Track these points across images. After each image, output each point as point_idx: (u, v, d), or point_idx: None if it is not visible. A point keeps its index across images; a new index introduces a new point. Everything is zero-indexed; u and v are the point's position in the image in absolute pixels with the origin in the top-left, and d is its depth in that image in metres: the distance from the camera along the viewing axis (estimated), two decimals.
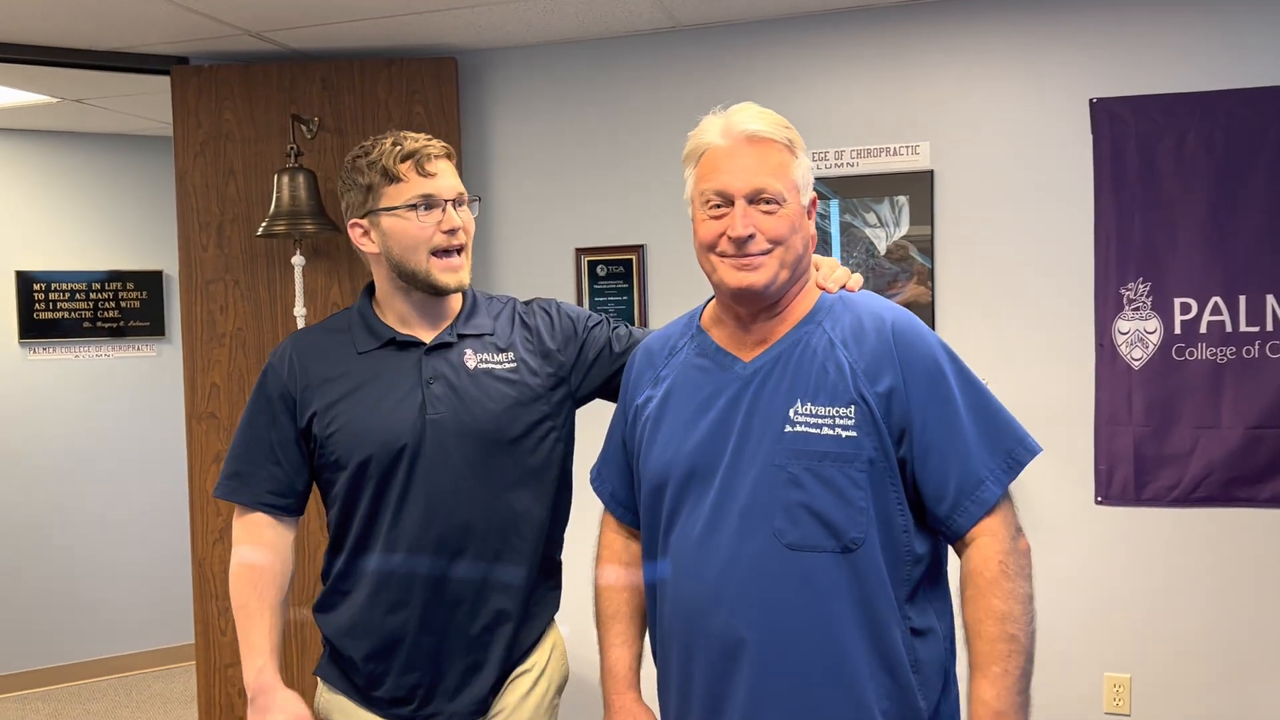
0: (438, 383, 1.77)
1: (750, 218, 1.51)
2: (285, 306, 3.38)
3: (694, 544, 1.52)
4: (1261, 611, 2.93)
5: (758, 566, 1.48)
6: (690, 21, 3.27)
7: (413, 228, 1.72)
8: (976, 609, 1.48)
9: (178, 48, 3.38)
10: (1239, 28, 2.89)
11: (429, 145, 1.74)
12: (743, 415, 1.54)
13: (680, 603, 1.55)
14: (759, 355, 1.58)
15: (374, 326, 1.83)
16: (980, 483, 1.50)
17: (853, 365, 1.52)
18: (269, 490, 1.79)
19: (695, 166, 1.59)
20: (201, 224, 3.40)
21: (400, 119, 3.38)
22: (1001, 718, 1.45)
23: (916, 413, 1.50)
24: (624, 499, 1.74)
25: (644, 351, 1.75)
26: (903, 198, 3.15)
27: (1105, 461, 3.02)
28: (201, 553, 3.40)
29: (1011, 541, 1.50)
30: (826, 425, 1.48)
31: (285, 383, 1.79)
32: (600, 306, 3.43)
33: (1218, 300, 2.92)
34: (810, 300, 1.61)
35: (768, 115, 1.56)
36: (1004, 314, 3.07)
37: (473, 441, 1.75)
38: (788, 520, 1.48)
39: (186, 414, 3.41)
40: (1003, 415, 1.55)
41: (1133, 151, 2.97)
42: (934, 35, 3.14)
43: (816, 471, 1.47)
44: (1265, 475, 2.90)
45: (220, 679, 3.41)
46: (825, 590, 1.47)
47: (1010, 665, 1.45)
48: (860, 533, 1.47)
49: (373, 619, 1.77)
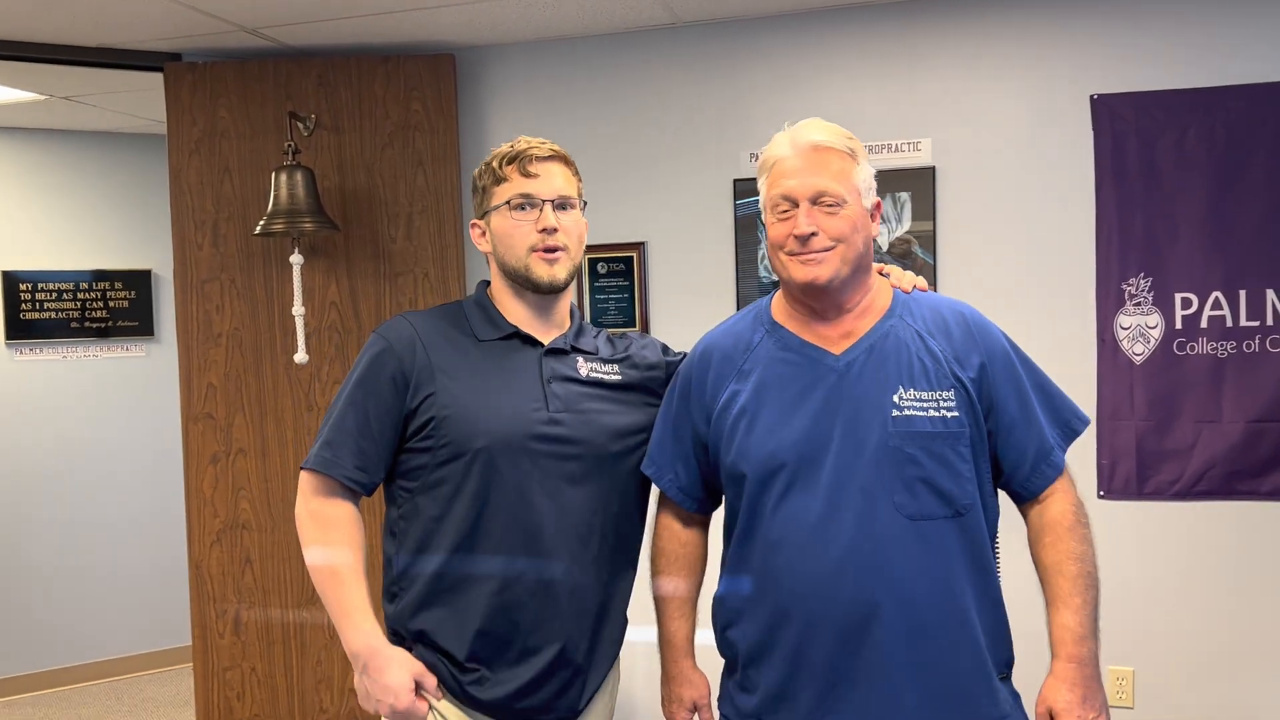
0: (556, 383, 1.80)
1: (813, 217, 1.67)
2: (283, 306, 3.34)
3: (814, 523, 1.67)
4: (1264, 604, 2.95)
5: (884, 537, 1.65)
6: (692, 18, 3.26)
7: (509, 225, 1.79)
8: (1058, 552, 1.71)
9: (171, 44, 3.34)
10: (1238, 24, 2.91)
11: (536, 147, 1.80)
12: (844, 402, 1.70)
13: (802, 578, 1.68)
14: (850, 348, 1.74)
15: (495, 318, 1.84)
16: (1052, 449, 1.75)
17: (944, 353, 1.72)
18: (357, 466, 1.75)
19: (766, 176, 1.75)
20: (197, 222, 3.36)
21: (398, 116, 3.35)
22: (1084, 641, 1.68)
23: (998, 392, 1.72)
24: (687, 487, 1.86)
25: (715, 349, 1.83)
26: (905, 194, 3.15)
27: (1108, 456, 3.03)
28: (199, 555, 3.37)
29: (1079, 496, 1.77)
30: (932, 408, 1.68)
31: (402, 360, 1.76)
32: (601, 304, 3.41)
33: (1218, 295, 2.94)
34: (886, 297, 1.79)
35: (831, 127, 1.73)
36: (1006, 309, 3.01)
37: (586, 445, 1.78)
38: (908, 494, 1.66)
39: (182, 415, 3.38)
40: (1059, 392, 1.81)
41: (1134, 147, 2.98)
42: (936, 31, 3.14)
43: (930, 449, 1.67)
44: (1266, 468, 2.92)
45: (219, 682, 3.38)
46: (944, 552, 1.67)
47: (1089, 597, 1.70)
48: (969, 499, 1.69)
49: (486, 614, 1.73)
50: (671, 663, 1.89)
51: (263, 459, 3.37)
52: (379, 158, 3.37)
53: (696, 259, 3.35)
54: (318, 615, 3.38)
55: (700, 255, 3.34)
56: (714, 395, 1.79)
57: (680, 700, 1.87)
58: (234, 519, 3.37)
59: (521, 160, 1.78)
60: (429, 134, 3.36)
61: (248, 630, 3.38)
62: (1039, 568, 1.75)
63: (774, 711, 1.73)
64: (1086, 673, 1.68)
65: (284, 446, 3.37)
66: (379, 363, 1.77)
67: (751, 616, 1.75)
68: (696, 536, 1.90)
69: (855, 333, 1.74)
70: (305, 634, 3.39)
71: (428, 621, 1.75)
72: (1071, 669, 1.68)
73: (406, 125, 3.37)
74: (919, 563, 1.65)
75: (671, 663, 1.89)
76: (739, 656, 1.78)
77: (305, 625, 3.39)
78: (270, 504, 3.37)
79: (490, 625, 1.73)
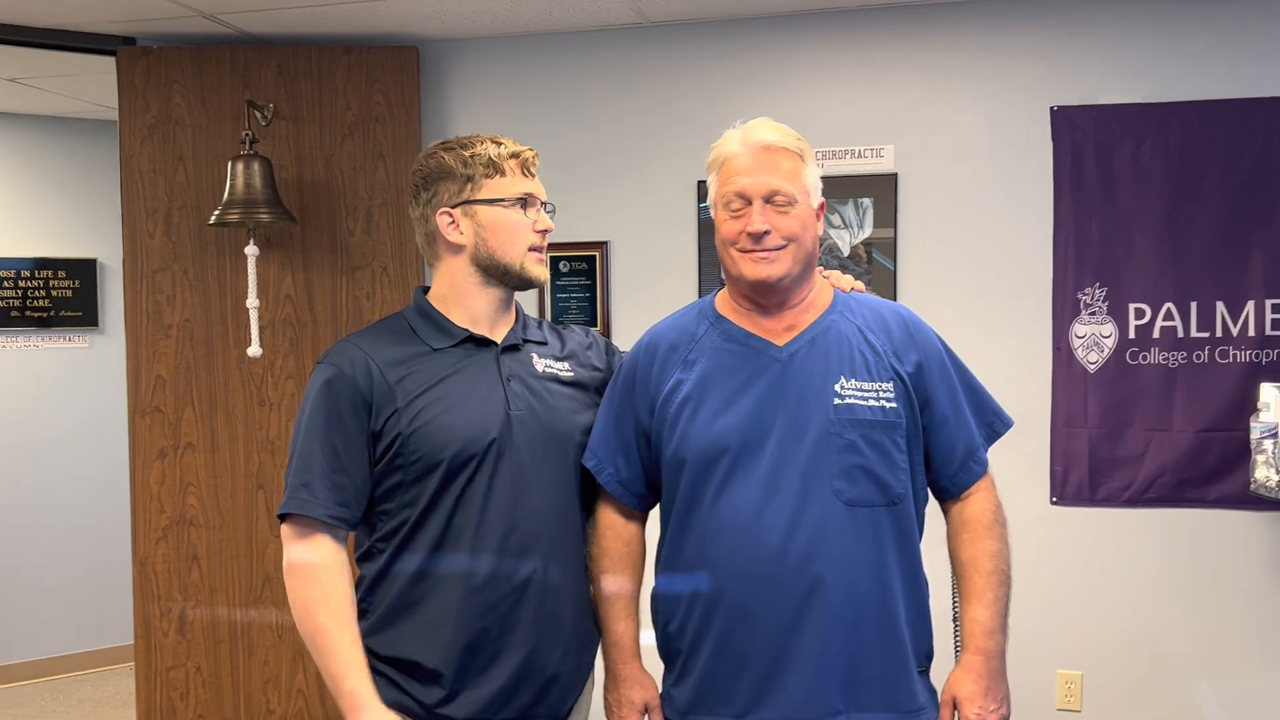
0: (515, 381, 1.78)
1: (767, 216, 1.71)
2: (236, 298, 3.27)
3: (753, 507, 1.69)
4: (1209, 610, 3.01)
5: (822, 522, 1.68)
6: (659, 18, 3.25)
7: (512, 220, 1.79)
8: (975, 549, 1.79)
9: (125, 27, 3.26)
10: (1194, 42, 2.97)
11: (530, 151, 1.84)
12: (787, 391, 1.73)
13: (739, 564, 1.70)
14: (793, 339, 1.77)
15: (444, 325, 1.80)
16: (978, 447, 1.83)
17: (883, 348, 1.77)
18: (336, 502, 1.69)
19: (717, 173, 1.79)
20: (148, 211, 3.28)
21: (359, 108, 3.30)
22: (993, 635, 1.76)
23: (933, 389, 1.78)
24: (628, 481, 1.85)
25: (661, 341, 1.85)
26: (867, 200, 3.17)
27: (1061, 463, 3.08)
28: (144, 552, 3.28)
29: (998, 497, 1.84)
30: (871, 398, 1.72)
31: (358, 384, 1.70)
32: (563, 303, 3.39)
33: (1170, 306, 3.00)
34: (828, 295, 1.84)
35: (781, 127, 1.77)
36: (964, 316, 3.11)
37: (547, 442, 1.78)
38: (846, 481, 1.70)
39: (129, 408, 3.29)
40: (986, 393, 1.88)
41: (1091, 160, 3.03)
42: (900, 40, 3.17)
43: (869, 438, 1.71)
44: (1213, 477, 2.98)
45: (161, 682, 3.30)
46: (878, 540, 1.71)
47: (1001, 593, 1.77)
48: (903, 489, 1.74)
49: (456, 624, 1.69)
50: (620, 664, 1.86)
51: (212, 454, 3.29)
52: (339, 149, 3.31)
53: (659, 259, 3.34)
54: (266, 614, 3.32)
55: (663, 256, 3.33)
56: (658, 385, 1.80)
57: (631, 703, 1.84)
58: (181, 515, 3.29)
59: (524, 160, 1.81)
60: (390, 127, 3.32)
61: (193, 629, 3.30)
62: (955, 563, 1.82)
63: (707, 703, 1.74)
64: (992, 665, 1.75)
65: (235, 441, 3.29)
66: (334, 391, 1.70)
67: (688, 607, 1.75)
68: (637, 534, 1.89)
69: (798, 326, 1.78)
70: (253, 633, 3.32)
71: (402, 636, 1.71)
72: (978, 661, 1.75)
73: (367, 117, 3.31)
74: (855, 547, 1.69)
75: (620, 664, 1.86)
76: (681, 651, 1.78)
77: (253, 624, 3.32)
78: (219, 500, 3.30)
79: (467, 632, 1.69)
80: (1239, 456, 2.94)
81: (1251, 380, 2.92)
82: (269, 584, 3.32)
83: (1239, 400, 2.94)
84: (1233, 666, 3.00)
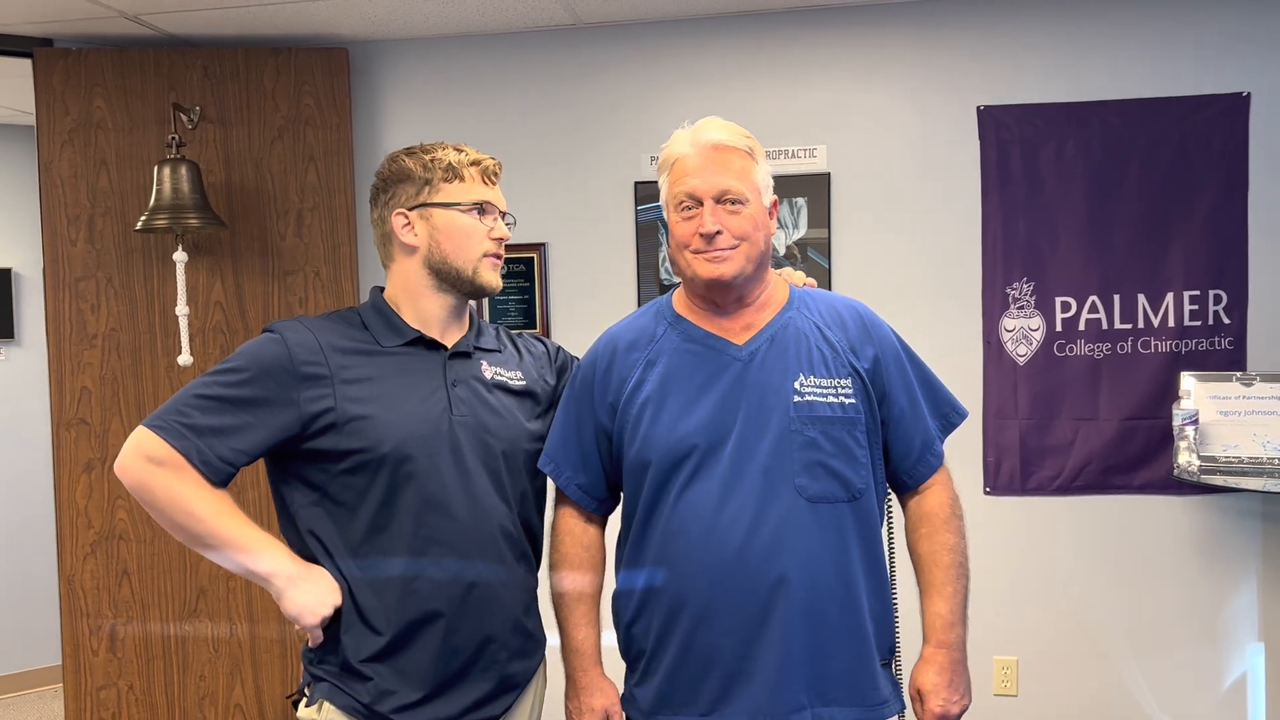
0: (461, 386, 1.77)
1: (718, 216, 1.71)
2: (164, 305, 3.19)
3: (714, 505, 1.69)
4: (1137, 593, 3.11)
5: (785, 519, 1.69)
6: (592, 19, 3.25)
7: (469, 226, 1.79)
8: (934, 543, 1.81)
9: (41, 28, 3.16)
10: (1114, 43, 3.07)
11: (493, 160, 1.85)
12: (747, 390, 1.73)
13: (702, 563, 1.69)
14: (751, 338, 1.78)
15: (396, 324, 1.78)
16: (934, 440, 1.84)
17: (840, 344, 1.78)
18: (219, 457, 1.62)
19: (668, 174, 1.78)
20: (70, 217, 3.18)
21: (288, 110, 3.25)
22: (954, 627, 1.78)
23: (890, 383, 1.80)
24: (587, 485, 1.85)
25: (619, 342, 1.84)
26: (801, 199, 3.21)
27: (993, 453, 3.16)
28: (70, 568, 3.18)
29: (955, 490, 1.86)
30: (831, 394, 1.73)
31: (295, 359, 1.67)
32: (501, 305, 3.37)
33: (1095, 299, 3.09)
34: (783, 292, 1.85)
35: (731, 126, 1.76)
36: (898, 312, 3.09)
37: (489, 449, 1.75)
38: (808, 477, 1.71)
39: (53, 420, 3.19)
40: (941, 385, 1.90)
41: (1017, 158, 3.11)
42: (829, 41, 3.21)
43: (829, 434, 1.72)
44: (1138, 464, 3.09)
45: (92, 702, 3.20)
46: (841, 535, 1.72)
47: (960, 586, 1.80)
48: (864, 484, 1.75)
49: (392, 629, 1.67)
50: (581, 671, 1.84)
51: None
52: (268, 152, 3.25)
53: (598, 261, 3.34)
54: (201, 628, 3.24)
55: (601, 258, 3.34)
56: (619, 387, 1.80)
57: (592, 710, 1.82)
58: (110, 529, 3.20)
59: (485, 169, 1.82)
60: (321, 129, 3.26)
61: (124, 646, 3.21)
62: (914, 556, 1.84)
63: (672, 703, 1.74)
64: (954, 657, 1.78)
65: None
66: (263, 356, 1.66)
67: (652, 608, 1.75)
68: (597, 539, 1.88)
69: (756, 325, 1.78)
70: (188, 648, 3.24)
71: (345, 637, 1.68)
72: (941, 654, 1.78)
73: (297, 120, 3.26)
74: (818, 543, 1.69)
75: (581, 671, 1.84)
76: (644, 651, 1.78)
77: (188, 639, 3.24)
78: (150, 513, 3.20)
79: (400, 638, 1.67)
80: (1162, 443, 3.05)
81: (1172, 370, 3.03)
82: (203, 597, 3.24)
83: (1161, 389, 3.05)
84: (1161, 647, 3.10)
